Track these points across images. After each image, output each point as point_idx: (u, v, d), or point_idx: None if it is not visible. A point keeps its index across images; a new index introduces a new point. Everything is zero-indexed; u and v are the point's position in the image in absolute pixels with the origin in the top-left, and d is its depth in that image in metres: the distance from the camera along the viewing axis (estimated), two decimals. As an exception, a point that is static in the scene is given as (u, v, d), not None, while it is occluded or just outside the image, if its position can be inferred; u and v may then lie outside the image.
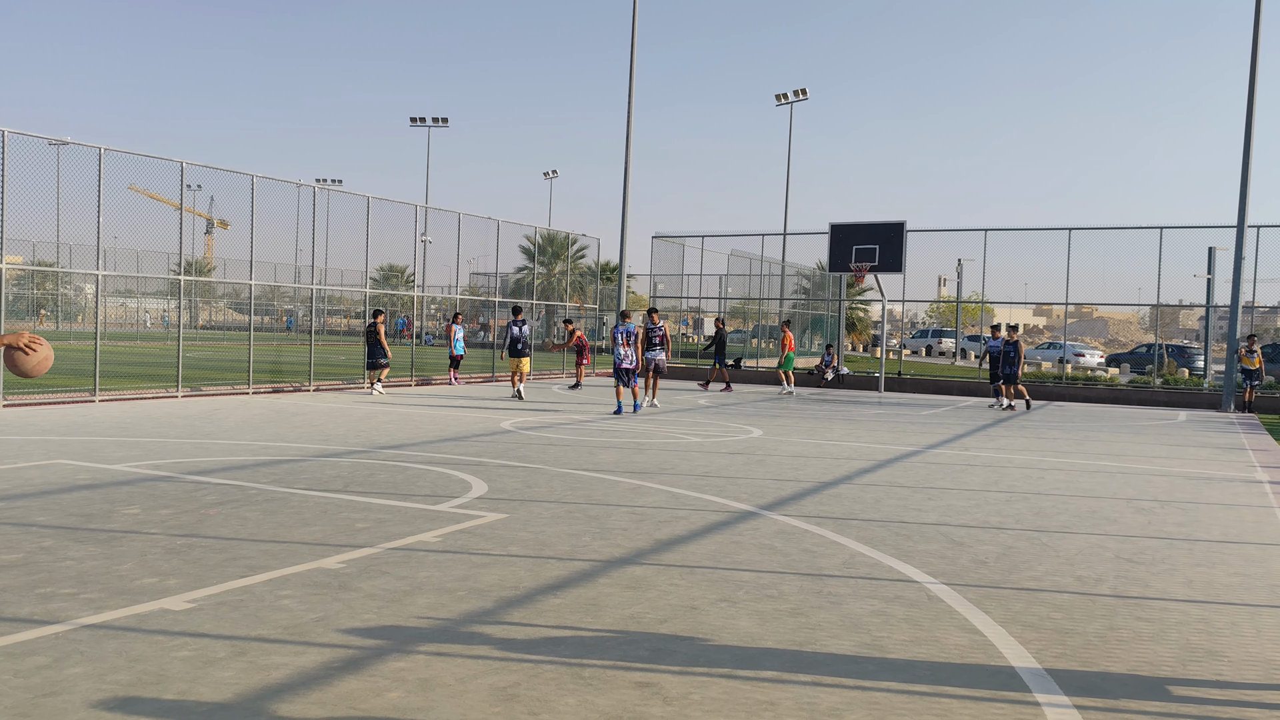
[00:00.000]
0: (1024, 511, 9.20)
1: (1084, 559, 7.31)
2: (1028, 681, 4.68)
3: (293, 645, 4.82)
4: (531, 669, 4.61)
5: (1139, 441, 16.14)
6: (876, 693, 4.47)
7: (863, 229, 27.37)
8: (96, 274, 18.06)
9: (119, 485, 9.08)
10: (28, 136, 16.33)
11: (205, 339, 48.71)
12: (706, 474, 10.86)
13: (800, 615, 5.62)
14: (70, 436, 12.48)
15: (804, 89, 49.41)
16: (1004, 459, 13.13)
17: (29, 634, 4.87)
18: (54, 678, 4.31)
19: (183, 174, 18.83)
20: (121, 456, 10.83)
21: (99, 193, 17.31)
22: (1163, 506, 9.78)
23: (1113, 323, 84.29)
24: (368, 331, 21.64)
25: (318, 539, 7.11)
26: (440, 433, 14.04)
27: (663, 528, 7.91)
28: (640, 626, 5.31)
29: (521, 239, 32.33)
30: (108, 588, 5.70)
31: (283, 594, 5.68)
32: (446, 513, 8.23)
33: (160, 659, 4.57)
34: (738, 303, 39.17)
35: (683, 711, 4.18)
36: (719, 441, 14.09)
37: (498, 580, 6.14)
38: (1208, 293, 27.68)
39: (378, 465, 10.73)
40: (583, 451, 12.41)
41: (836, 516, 8.62)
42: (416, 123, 65.04)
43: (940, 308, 60.75)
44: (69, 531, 7.10)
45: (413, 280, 32.01)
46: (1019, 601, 6.08)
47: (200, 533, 7.20)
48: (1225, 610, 6.05)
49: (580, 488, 9.67)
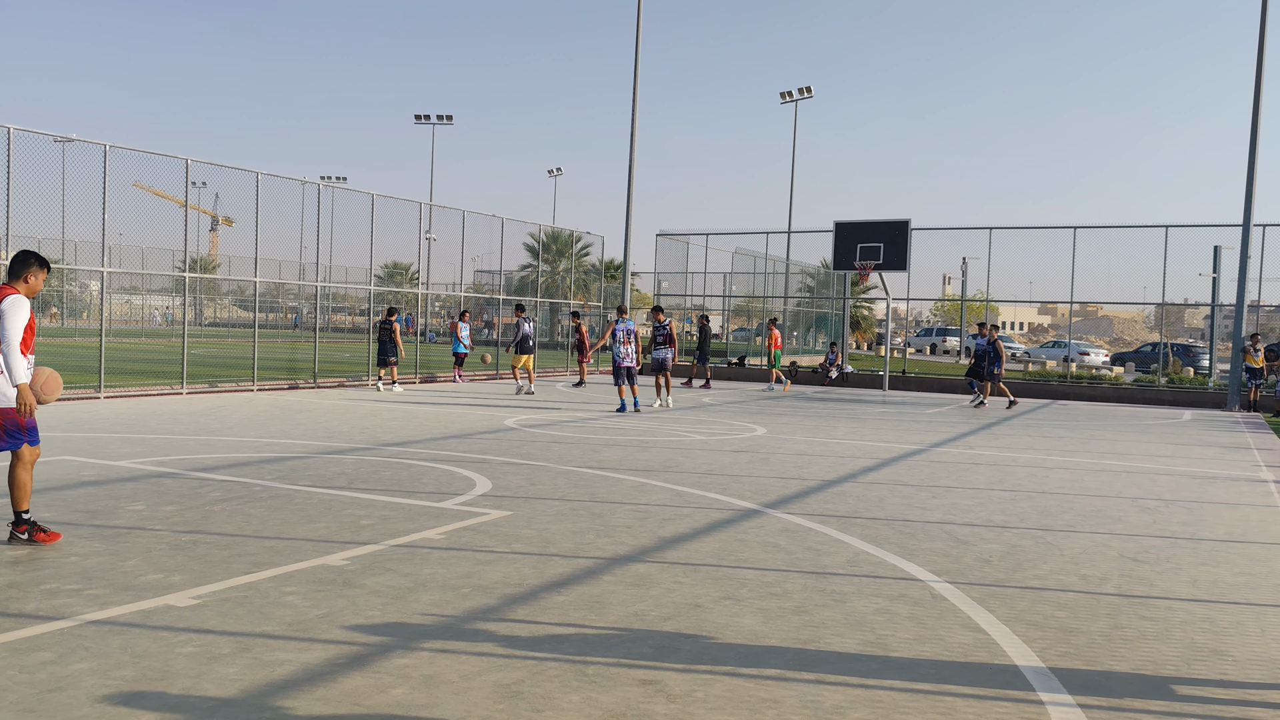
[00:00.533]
0: (1028, 510, 9.19)
1: (1088, 558, 7.30)
2: (1032, 680, 4.67)
3: (297, 642, 4.83)
4: (535, 666, 4.61)
5: (1144, 440, 16.12)
6: (880, 691, 4.47)
7: (867, 227, 27.33)
8: (102, 271, 18.09)
9: (124, 481, 9.09)
10: (33, 133, 16.36)
11: (210, 336, 48.78)
12: (710, 472, 10.86)
13: (804, 613, 5.62)
14: (75, 433, 12.51)
15: (809, 87, 49.37)
16: (1008, 458, 13.11)
17: (34, 630, 4.88)
18: (59, 673, 4.32)
19: (188, 171, 18.85)
20: (126, 453, 10.85)
21: (104, 190, 17.34)
22: (1167, 505, 9.77)
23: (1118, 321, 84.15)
24: (381, 328, 21.63)
25: (322, 536, 7.12)
26: (444, 430, 14.05)
27: (667, 525, 7.91)
28: (644, 624, 5.32)
29: (526, 236, 32.41)
30: (113, 584, 5.72)
31: (287, 590, 5.69)
32: (450, 510, 8.24)
33: (165, 655, 4.58)
34: (742, 301, 39.15)
35: (686, 709, 4.18)
36: (723, 439, 14.09)
37: (502, 577, 6.15)
38: (1213, 292, 27.62)
39: (382, 462, 10.75)
40: (586, 449, 12.42)
41: (840, 515, 8.62)
42: (421, 120, 65.10)
43: (945, 306, 60.68)
44: (74, 527, 7.11)
45: (417, 278, 32.03)
46: (1023, 600, 6.07)
47: (205, 529, 7.21)
48: (1230, 609, 6.04)
49: (584, 485, 9.67)
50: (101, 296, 19.27)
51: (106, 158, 17.33)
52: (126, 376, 20.72)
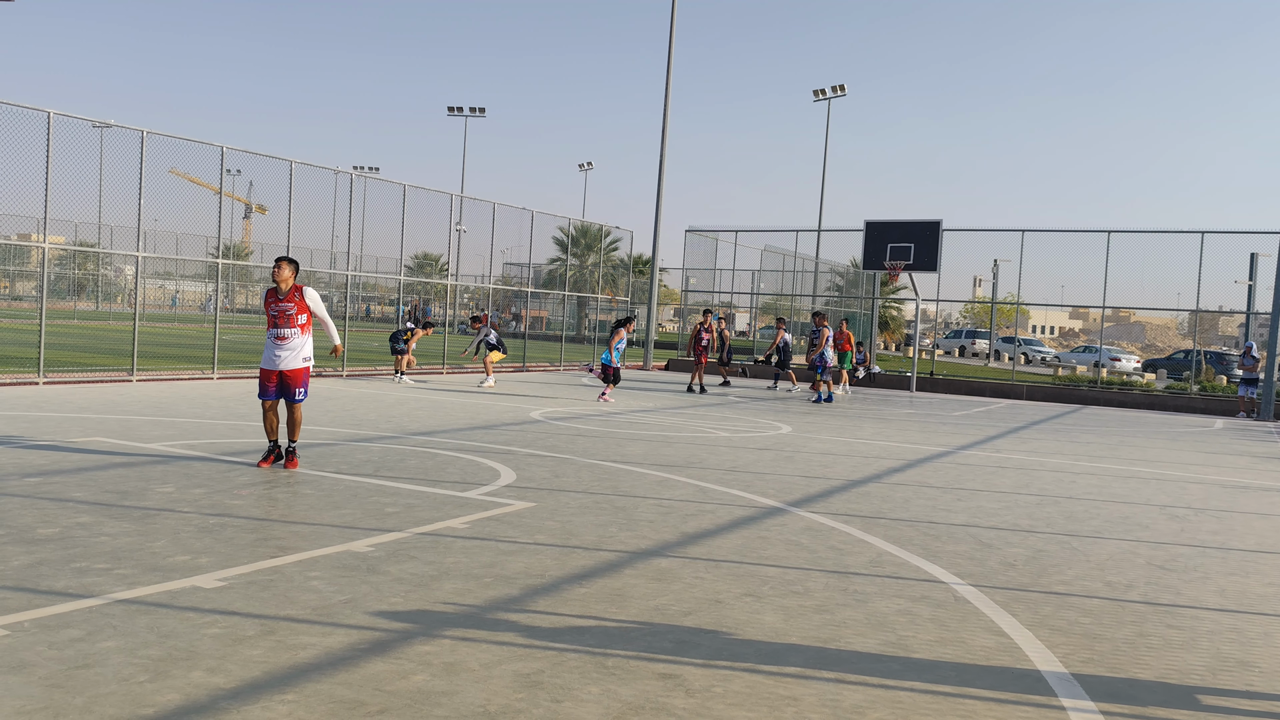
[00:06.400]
0: (1055, 515, 9.11)
1: (1115, 564, 7.23)
2: (1054, 686, 4.64)
3: (321, 626, 4.87)
4: (555, 657, 4.63)
5: (1174, 448, 15.93)
6: (900, 692, 4.45)
7: (898, 227, 27.15)
8: (136, 256, 18.30)
9: (154, 464, 9.21)
10: (72, 119, 16.57)
11: (241, 322, 49.24)
12: (734, 469, 10.84)
13: (825, 612, 5.61)
14: (108, 415, 12.67)
15: (842, 85, 49.12)
16: (1036, 462, 13.00)
17: (64, 607, 4.95)
18: (87, 650, 4.38)
19: (223, 158, 19.02)
20: (157, 436, 10.98)
21: (140, 175, 17.54)
22: (1197, 514, 9.65)
23: (1150, 327, 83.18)
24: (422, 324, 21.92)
25: (347, 522, 7.18)
26: (470, 420, 14.12)
27: (689, 521, 7.91)
28: (665, 618, 5.32)
29: (555, 230, 32.40)
30: (141, 564, 5.79)
31: (312, 575, 5.74)
32: (475, 500, 8.28)
33: (191, 635, 4.63)
34: (770, 299, 39.02)
35: (705, 704, 4.19)
36: (747, 437, 14.06)
37: (524, 568, 6.17)
38: (1249, 299, 27.21)
39: (408, 451, 10.81)
40: (611, 443, 12.43)
41: (864, 515, 8.59)
42: (454, 112, 65.29)
43: (975, 308, 60.23)
44: (105, 508, 7.21)
45: (447, 269, 32.16)
46: (1047, 605, 6.02)
47: (232, 512, 7.29)
48: (1258, 620, 5.97)
49: (608, 479, 9.69)
50: (136, 281, 19.49)
51: (144, 144, 17.52)
52: (159, 360, 20.97)
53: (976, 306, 58.13)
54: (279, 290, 9.45)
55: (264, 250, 46.88)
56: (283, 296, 9.42)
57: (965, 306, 61.14)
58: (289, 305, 9.38)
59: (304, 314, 9.42)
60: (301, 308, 9.41)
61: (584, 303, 36.56)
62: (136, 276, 19.13)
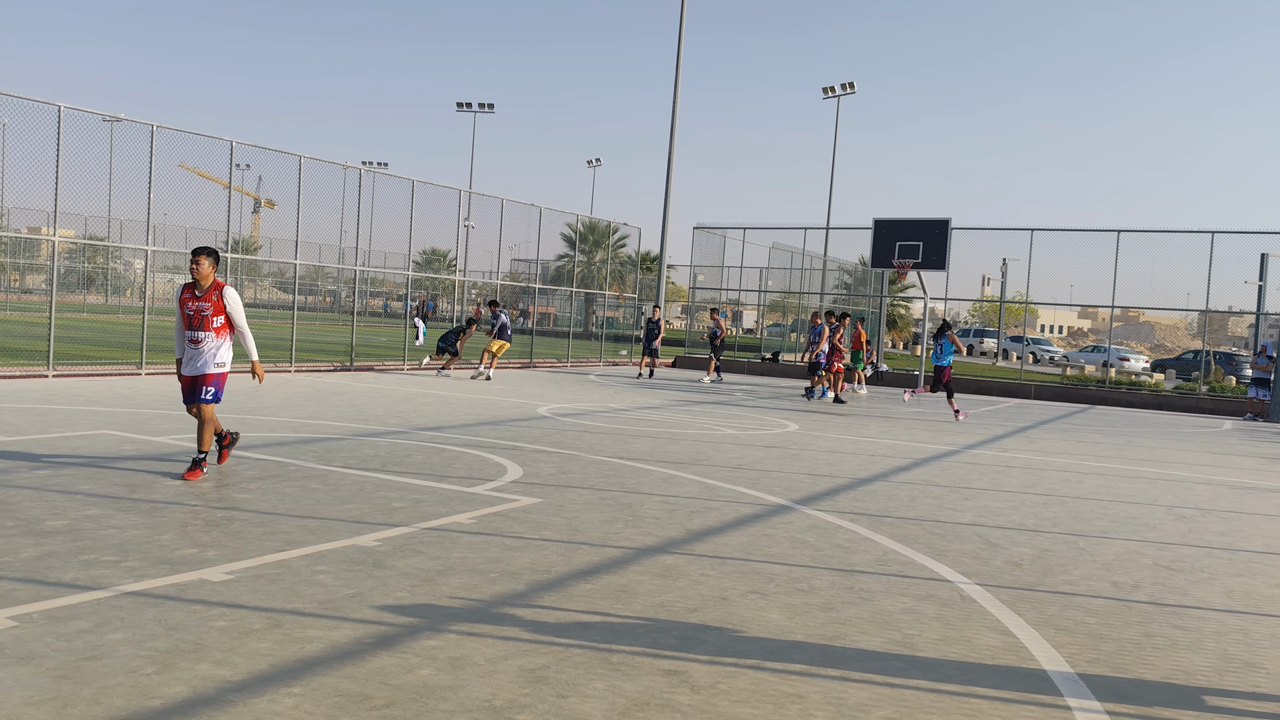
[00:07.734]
0: (1061, 515, 9.09)
1: (1121, 565, 7.22)
2: (1059, 685, 4.63)
3: (327, 620, 4.89)
4: (561, 652, 4.64)
5: (1182, 448, 15.88)
6: (905, 690, 4.46)
7: (906, 225, 27.08)
8: (146, 249, 18.36)
9: (162, 457, 9.24)
10: (83, 113, 16.62)
11: (249, 317, 49.37)
12: (740, 466, 10.84)
13: (831, 610, 5.61)
14: (117, 408, 12.72)
15: (851, 82, 49.04)
16: (1043, 461, 12.98)
17: (72, 599, 4.98)
18: (95, 642, 4.41)
19: (232, 153, 19.07)
20: (166, 429, 11.02)
21: (150, 169, 17.59)
22: (1204, 515, 9.63)
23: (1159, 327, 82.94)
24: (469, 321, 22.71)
25: (354, 516, 7.20)
26: (477, 416, 14.14)
27: (695, 518, 7.92)
28: (670, 615, 5.33)
29: (563, 226, 32.40)
30: (149, 556, 5.82)
31: (319, 569, 5.76)
32: (481, 495, 8.30)
33: (198, 628, 4.66)
34: (778, 296, 38.98)
35: (710, 701, 4.19)
36: (754, 434, 14.06)
37: (530, 564, 6.18)
38: (1259, 300, 27.11)
39: (415, 446, 10.84)
40: (617, 440, 12.44)
41: (870, 513, 8.58)
42: (463, 108, 65.38)
43: (983, 307, 60.12)
44: (113, 500, 7.25)
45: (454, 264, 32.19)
46: (1053, 605, 6.02)
47: (240, 506, 7.32)
48: (1265, 622, 5.95)
49: (614, 475, 9.70)
50: (146, 274, 19.55)
51: (153, 138, 17.57)
52: (168, 354, 21.01)
53: (985, 305, 58.02)
54: (197, 286, 8.44)
55: (273, 245, 46.95)
56: (200, 294, 8.43)
57: (974, 305, 61.05)
58: (205, 305, 8.40)
59: (220, 315, 8.46)
60: (219, 309, 8.44)
61: (591, 299, 36.56)
62: (146, 270, 19.18)
